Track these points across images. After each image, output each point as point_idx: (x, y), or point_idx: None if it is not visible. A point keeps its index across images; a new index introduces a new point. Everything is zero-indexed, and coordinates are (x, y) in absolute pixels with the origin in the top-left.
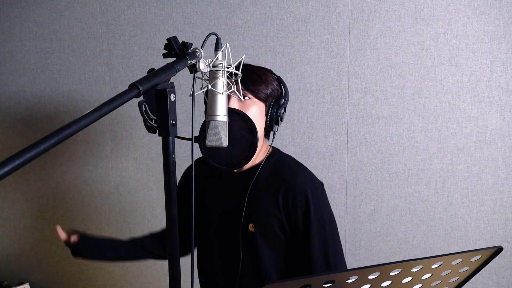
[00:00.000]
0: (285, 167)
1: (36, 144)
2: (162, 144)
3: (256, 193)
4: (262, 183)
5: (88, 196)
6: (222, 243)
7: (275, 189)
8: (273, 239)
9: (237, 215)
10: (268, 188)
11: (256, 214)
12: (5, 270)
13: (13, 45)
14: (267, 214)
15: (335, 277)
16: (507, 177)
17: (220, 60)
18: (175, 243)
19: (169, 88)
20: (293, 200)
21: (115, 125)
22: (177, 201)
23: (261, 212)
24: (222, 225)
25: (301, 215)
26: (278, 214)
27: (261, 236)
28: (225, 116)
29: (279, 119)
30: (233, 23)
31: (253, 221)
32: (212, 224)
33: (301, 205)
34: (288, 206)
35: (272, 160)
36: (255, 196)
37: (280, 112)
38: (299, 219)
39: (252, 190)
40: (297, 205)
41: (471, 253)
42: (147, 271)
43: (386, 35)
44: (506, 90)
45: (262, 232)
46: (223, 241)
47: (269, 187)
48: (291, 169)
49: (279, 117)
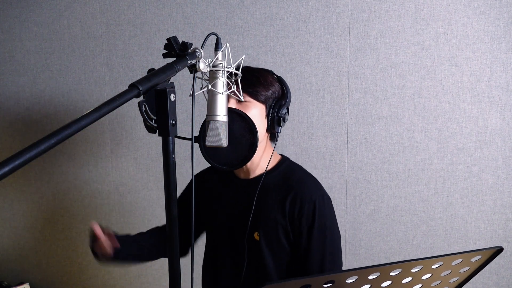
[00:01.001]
0: (295, 176)
1: (36, 144)
2: (162, 144)
3: (264, 201)
4: (270, 190)
5: (88, 196)
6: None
7: (283, 196)
8: (278, 248)
9: (244, 223)
10: (276, 196)
11: (262, 222)
12: (5, 270)
13: (13, 45)
14: (273, 223)
15: (335, 277)
16: (507, 177)
17: (220, 60)
18: (175, 243)
19: (169, 88)
20: (300, 209)
21: (115, 125)
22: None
23: (268, 221)
24: (229, 232)
25: (306, 225)
26: (284, 222)
27: (266, 245)
28: (225, 116)
29: (281, 120)
30: (233, 23)
31: (259, 229)
32: (220, 230)
33: (307, 214)
34: (294, 214)
35: (281, 168)
36: (262, 203)
37: (282, 113)
38: (303, 229)
39: (259, 198)
40: (303, 214)
41: (471, 253)
42: (147, 271)
43: (386, 35)
44: (506, 90)
45: (267, 241)
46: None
47: (277, 195)
48: (300, 178)
49: (281, 117)
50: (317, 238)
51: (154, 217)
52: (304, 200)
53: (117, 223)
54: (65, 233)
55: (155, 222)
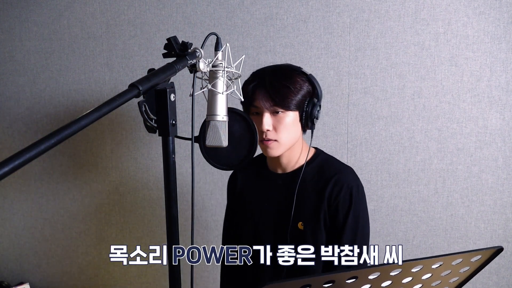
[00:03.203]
0: (333, 165)
1: (36, 144)
2: (162, 144)
3: (303, 193)
4: (308, 183)
5: (88, 196)
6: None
7: (322, 185)
8: (321, 235)
9: (286, 215)
10: (315, 186)
11: (305, 212)
12: (5, 270)
13: (13, 45)
14: (315, 211)
15: (335, 277)
16: (507, 177)
17: (220, 60)
18: (175, 243)
19: (169, 88)
20: (337, 195)
21: (115, 125)
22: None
23: (310, 210)
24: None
25: (342, 211)
26: (325, 207)
27: (311, 233)
28: (225, 116)
29: (314, 119)
30: (233, 23)
31: (302, 219)
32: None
33: (344, 201)
34: (331, 199)
35: (317, 161)
36: (302, 195)
37: (315, 112)
38: (339, 214)
39: (299, 190)
40: (340, 200)
41: (471, 253)
42: (147, 271)
43: (386, 35)
44: (506, 90)
45: (312, 229)
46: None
47: (315, 186)
48: (338, 167)
49: (315, 117)
50: (351, 224)
51: (154, 217)
52: (342, 187)
53: (117, 223)
54: (65, 233)
55: (155, 222)
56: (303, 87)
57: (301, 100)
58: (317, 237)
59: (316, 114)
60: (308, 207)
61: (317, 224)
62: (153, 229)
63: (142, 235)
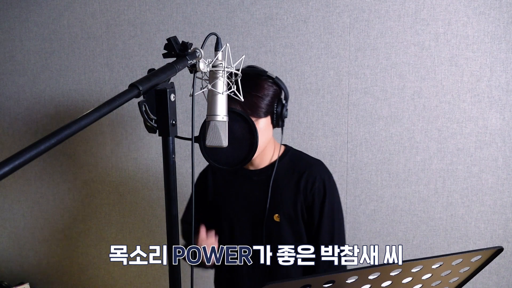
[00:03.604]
0: (303, 159)
1: (36, 144)
2: (162, 144)
3: (278, 186)
4: (281, 177)
5: (88, 196)
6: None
7: (297, 178)
8: (298, 225)
9: (261, 209)
10: (289, 179)
11: (280, 204)
12: (5, 270)
13: (13, 45)
14: (292, 203)
15: (335, 277)
16: (507, 177)
17: (220, 60)
18: (175, 243)
19: (169, 88)
20: (312, 186)
21: (115, 125)
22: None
23: (286, 202)
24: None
25: (318, 201)
26: (301, 198)
27: (286, 224)
28: (225, 116)
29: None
30: (233, 23)
31: (278, 211)
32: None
33: (319, 192)
34: (306, 191)
35: (288, 156)
36: (277, 188)
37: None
38: (315, 204)
39: (273, 184)
40: (315, 191)
41: (471, 253)
42: (147, 271)
43: (386, 35)
44: (506, 90)
45: (288, 220)
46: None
47: (290, 179)
48: (309, 160)
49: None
50: (327, 213)
51: (154, 217)
52: (316, 179)
53: (117, 223)
54: (65, 233)
55: (155, 222)
56: (270, 91)
57: (270, 103)
58: (293, 227)
59: (285, 113)
60: (284, 199)
61: (294, 215)
62: (153, 229)
63: (142, 235)
